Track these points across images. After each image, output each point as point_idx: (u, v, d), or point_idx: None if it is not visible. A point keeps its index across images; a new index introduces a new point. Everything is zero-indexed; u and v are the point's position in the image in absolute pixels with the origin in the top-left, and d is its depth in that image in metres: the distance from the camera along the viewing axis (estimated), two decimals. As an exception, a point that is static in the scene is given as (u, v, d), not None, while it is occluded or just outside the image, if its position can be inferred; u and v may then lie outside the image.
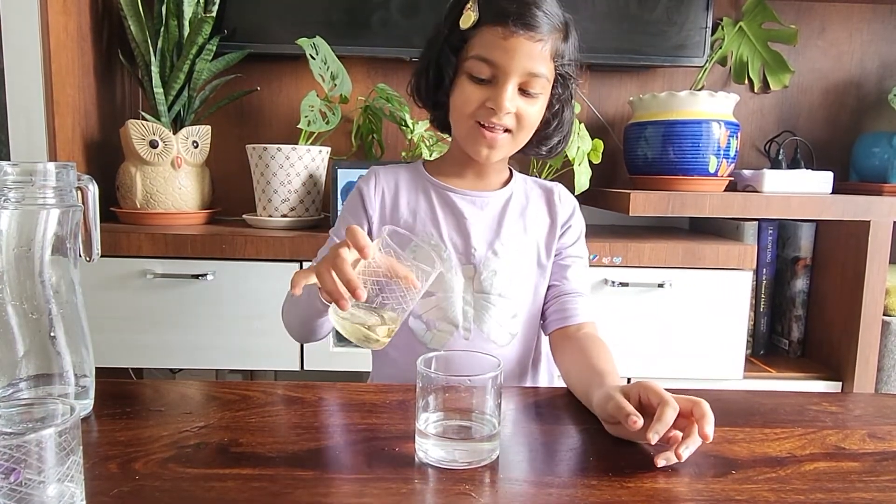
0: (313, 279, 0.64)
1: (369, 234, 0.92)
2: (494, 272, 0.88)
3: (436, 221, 0.90)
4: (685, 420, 0.58)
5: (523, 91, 0.82)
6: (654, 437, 0.55)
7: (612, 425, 0.63)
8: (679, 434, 0.57)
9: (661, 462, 0.56)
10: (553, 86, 0.85)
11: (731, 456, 0.59)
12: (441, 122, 0.93)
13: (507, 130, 0.84)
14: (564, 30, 0.83)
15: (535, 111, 0.84)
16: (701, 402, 0.58)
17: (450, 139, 0.94)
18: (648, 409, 0.59)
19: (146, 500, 0.49)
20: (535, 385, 0.94)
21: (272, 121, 1.74)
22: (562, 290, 0.91)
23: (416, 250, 0.62)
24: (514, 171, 0.97)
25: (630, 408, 0.59)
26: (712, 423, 0.56)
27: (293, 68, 1.70)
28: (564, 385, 0.79)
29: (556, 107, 0.88)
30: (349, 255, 0.61)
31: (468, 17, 0.81)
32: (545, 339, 0.94)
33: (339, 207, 1.42)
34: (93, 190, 0.65)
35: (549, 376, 0.97)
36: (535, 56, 0.80)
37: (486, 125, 0.82)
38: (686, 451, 0.56)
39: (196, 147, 1.50)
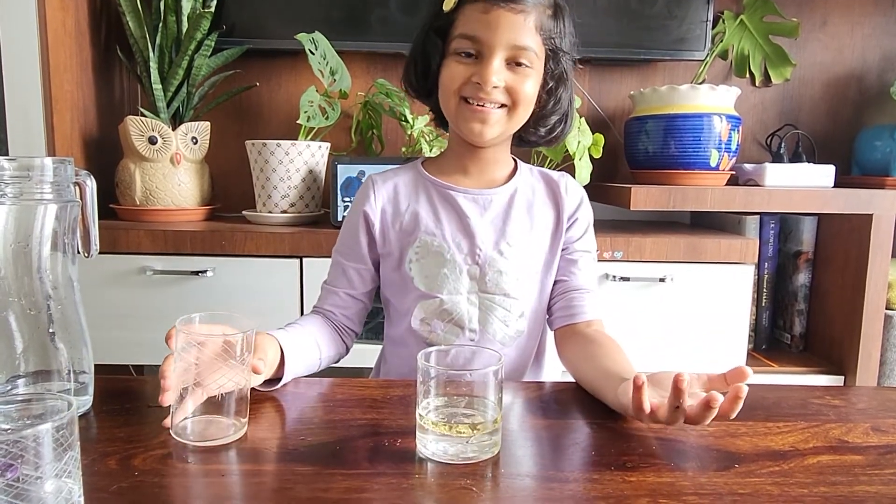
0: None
1: (372, 247, 0.91)
2: (500, 272, 0.87)
3: (438, 222, 0.88)
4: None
5: (513, 65, 0.82)
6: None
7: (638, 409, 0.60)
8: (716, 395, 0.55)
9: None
10: (546, 62, 0.85)
11: (733, 450, 0.59)
12: (439, 116, 0.92)
13: (502, 106, 0.83)
14: (553, 8, 0.83)
15: (527, 86, 0.83)
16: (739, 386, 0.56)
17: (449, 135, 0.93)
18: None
19: (145, 496, 0.48)
20: (538, 380, 0.94)
21: (271, 116, 1.74)
22: (569, 286, 0.90)
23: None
24: (519, 162, 0.94)
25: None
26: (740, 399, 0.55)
27: (292, 64, 1.69)
28: (566, 380, 0.78)
29: (550, 84, 0.86)
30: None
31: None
32: (550, 334, 0.93)
33: (339, 203, 1.42)
34: (91, 185, 0.64)
35: (552, 371, 0.97)
36: (518, 28, 0.80)
37: (476, 101, 0.82)
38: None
39: (195, 143, 1.49)
